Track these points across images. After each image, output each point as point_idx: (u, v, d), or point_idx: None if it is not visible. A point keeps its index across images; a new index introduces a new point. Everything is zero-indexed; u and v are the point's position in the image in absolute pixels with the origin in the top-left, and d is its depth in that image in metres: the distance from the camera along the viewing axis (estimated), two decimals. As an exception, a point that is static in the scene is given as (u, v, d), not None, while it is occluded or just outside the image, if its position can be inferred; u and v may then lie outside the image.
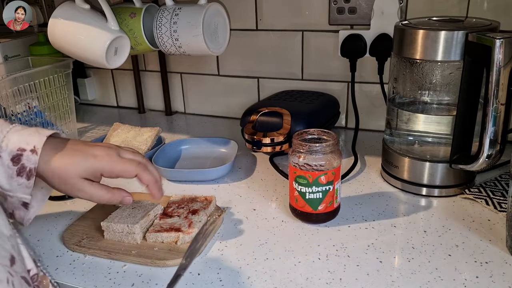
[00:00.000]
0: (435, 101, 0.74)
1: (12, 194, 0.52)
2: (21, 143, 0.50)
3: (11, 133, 0.51)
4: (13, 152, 0.50)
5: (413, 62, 0.72)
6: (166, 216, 0.68)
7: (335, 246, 0.62)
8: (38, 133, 0.51)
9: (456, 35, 0.65)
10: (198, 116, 1.23)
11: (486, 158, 0.65)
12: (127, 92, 1.31)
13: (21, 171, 0.50)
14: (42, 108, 0.99)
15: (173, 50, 0.92)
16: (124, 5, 0.93)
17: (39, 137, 0.51)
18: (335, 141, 0.65)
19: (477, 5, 0.88)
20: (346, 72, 0.99)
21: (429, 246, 0.62)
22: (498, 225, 0.65)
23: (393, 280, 0.55)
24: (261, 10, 1.05)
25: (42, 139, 0.51)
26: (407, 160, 0.75)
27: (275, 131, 0.86)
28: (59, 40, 0.90)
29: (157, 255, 0.60)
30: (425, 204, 0.73)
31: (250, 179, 0.84)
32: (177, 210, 0.69)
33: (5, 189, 0.51)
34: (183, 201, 0.72)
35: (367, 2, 0.94)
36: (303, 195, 0.66)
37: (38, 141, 0.51)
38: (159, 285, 0.56)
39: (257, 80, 1.13)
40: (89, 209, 0.74)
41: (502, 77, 0.61)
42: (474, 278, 0.55)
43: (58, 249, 0.65)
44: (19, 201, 0.53)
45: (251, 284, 0.56)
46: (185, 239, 0.62)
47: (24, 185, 0.51)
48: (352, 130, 0.99)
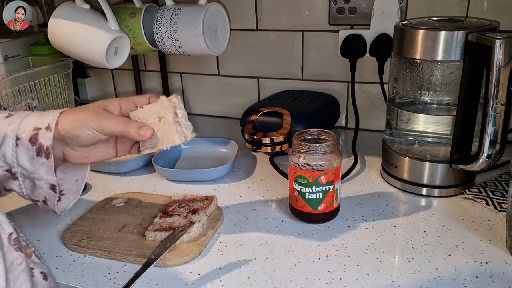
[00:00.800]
0: (435, 101, 0.74)
1: (37, 176, 0.54)
2: (36, 123, 0.53)
3: (29, 116, 0.54)
4: (30, 133, 0.52)
5: (413, 62, 0.72)
6: (167, 215, 0.68)
7: (335, 246, 0.62)
8: (53, 112, 0.54)
9: (456, 35, 0.65)
10: (198, 116, 1.23)
11: (486, 158, 0.65)
12: (127, 92, 1.31)
13: (39, 150, 0.52)
14: (42, 108, 0.99)
15: (173, 50, 0.92)
16: (124, 5, 0.94)
17: (53, 115, 0.53)
18: (335, 141, 0.65)
19: (477, 5, 0.88)
20: (346, 72, 0.99)
21: (429, 246, 0.62)
22: (498, 225, 0.65)
23: (393, 280, 0.55)
24: (261, 10, 1.05)
25: (55, 115, 0.53)
26: (407, 160, 0.75)
27: (275, 131, 0.86)
28: (59, 40, 0.90)
29: (157, 255, 0.60)
30: (425, 204, 0.73)
31: (250, 179, 0.84)
32: (178, 209, 0.69)
33: (30, 171, 0.53)
34: (184, 200, 0.72)
35: (367, 2, 0.94)
36: (303, 195, 0.66)
37: (52, 119, 0.53)
38: (159, 285, 0.56)
39: (257, 80, 1.13)
40: (89, 209, 0.74)
41: (502, 77, 0.61)
42: (474, 278, 0.55)
43: (58, 249, 0.65)
44: (47, 185, 0.55)
45: (251, 284, 0.56)
46: (183, 239, 0.62)
47: (46, 165, 0.53)
48: (352, 130, 0.99)
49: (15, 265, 0.42)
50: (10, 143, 0.52)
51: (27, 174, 0.54)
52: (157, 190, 0.80)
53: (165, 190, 0.80)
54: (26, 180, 0.55)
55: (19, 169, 0.53)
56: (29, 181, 0.55)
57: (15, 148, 0.52)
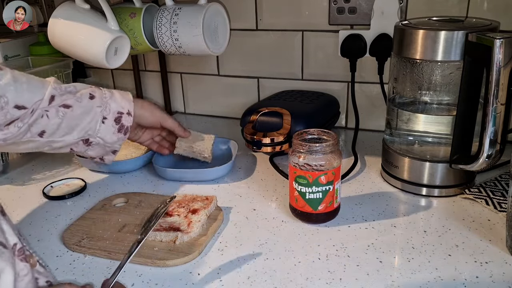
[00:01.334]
0: (435, 101, 0.74)
1: (110, 145, 0.73)
2: (119, 108, 0.72)
3: (108, 99, 0.71)
4: (114, 115, 0.71)
5: (413, 62, 0.72)
6: (167, 215, 0.68)
7: (335, 246, 0.62)
8: (127, 99, 0.73)
9: (456, 35, 0.65)
10: (198, 116, 1.23)
11: (486, 158, 0.65)
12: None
13: (121, 128, 0.72)
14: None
15: (173, 50, 0.92)
16: (124, 5, 0.94)
17: (129, 104, 0.73)
18: (335, 141, 0.65)
19: (477, 5, 0.88)
20: (346, 72, 0.99)
21: (429, 246, 0.61)
22: (498, 225, 0.65)
23: (393, 280, 0.55)
24: (261, 10, 1.05)
25: (131, 104, 0.73)
26: (407, 160, 0.75)
27: (275, 131, 0.86)
28: (59, 40, 0.90)
29: (157, 255, 0.60)
30: (425, 204, 0.73)
31: (250, 179, 0.84)
32: (178, 209, 0.69)
33: (108, 142, 0.72)
34: (184, 200, 0.72)
35: (367, 2, 0.94)
36: (303, 195, 0.66)
37: (129, 106, 0.73)
38: (159, 285, 0.56)
39: (257, 80, 1.13)
40: (89, 209, 0.74)
41: (502, 77, 0.61)
42: (474, 278, 0.55)
43: (58, 249, 0.65)
44: (111, 150, 0.75)
45: (251, 284, 0.56)
46: (183, 239, 0.62)
47: (122, 139, 0.74)
48: (352, 130, 0.99)
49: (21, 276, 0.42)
50: (99, 121, 0.70)
51: (102, 143, 0.72)
52: (157, 190, 0.80)
53: (165, 190, 0.80)
54: (97, 146, 0.72)
55: (97, 139, 0.71)
56: (99, 146, 0.73)
57: (101, 125, 0.70)
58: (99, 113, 0.70)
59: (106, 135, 0.71)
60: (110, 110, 0.71)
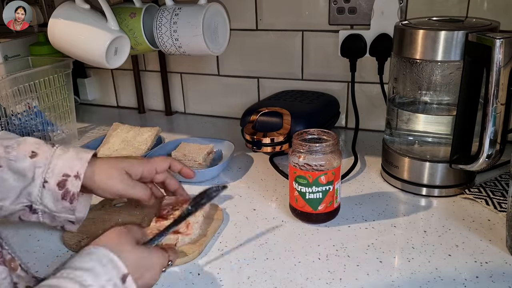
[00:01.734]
0: (435, 101, 0.74)
1: (58, 214, 0.56)
2: (65, 168, 0.55)
3: (55, 158, 0.55)
4: (59, 178, 0.55)
5: (413, 62, 0.72)
6: (162, 218, 0.65)
7: (335, 246, 0.62)
8: (80, 159, 0.56)
9: (456, 35, 0.65)
10: (198, 116, 1.23)
11: (486, 158, 0.65)
12: (127, 92, 1.31)
13: (65, 194, 0.55)
14: (42, 108, 0.98)
15: (173, 50, 0.92)
16: (124, 5, 0.94)
17: (81, 163, 0.56)
18: (335, 141, 0.65)
19: (477, 5, 0.88)
20: (346, 72, 0.99)
21: (429, 246, 0.61)
22: (498, 225, 0.65)
23: (393, 280, 0.55)
24: (261, 10, 1.05)
25: (84, 165, 0.56)
26: (407, 160, 0.75)
27: (275, 131, 0.86)
28: (59, 40, 0.90)
29: (157, 255, 0.60)
30: (425, 204, 0.73)
31: (250, 179, 0.84)
32: (173, 212, 0.66)
33: (52, 210, 0.56)
34: (177, 202, 0.69)
35: (367, 2, 0.94)
36: (303, 195, 0.66)
37: (80, 167, 0.56)
38: (159, 285, 0.56)
39: (257, 80, 1.13)
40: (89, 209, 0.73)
41: (502, 77, 0.61)
42: (474, 278, 0.55)
43: (58, 249, 0.65)
44: (65, 220, 0.58)
45: (251, 284, 0.56)
46: (184, 240, 0.62)
47: (68, 207, 0.56)
48: (352, 130, 0.99)
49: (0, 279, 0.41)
50: (38, 184, 0.54)
51: (48, 211, 0.56)
52: (157, 190, 0.80)
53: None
54: (46, 215, 0.57)
55: (41, 207, 0.56)
56: (48, 215, 0.57)
57: (41, 189, 0.55)
58: (40, 175, 0.55)
59: (48, 202, 0.55)
60: (53, 172, 0.55)
